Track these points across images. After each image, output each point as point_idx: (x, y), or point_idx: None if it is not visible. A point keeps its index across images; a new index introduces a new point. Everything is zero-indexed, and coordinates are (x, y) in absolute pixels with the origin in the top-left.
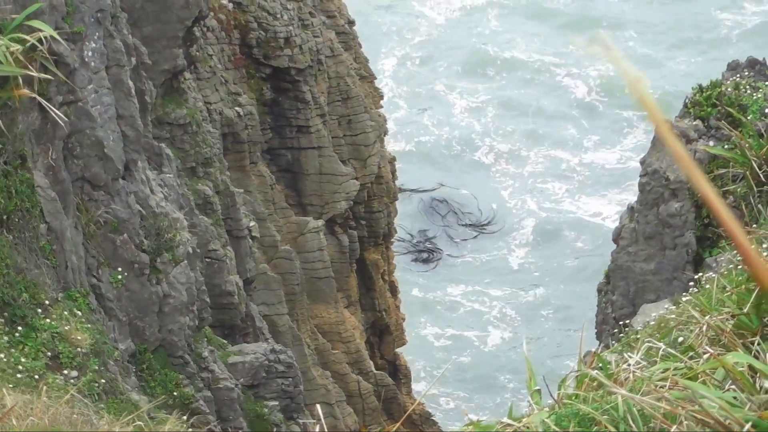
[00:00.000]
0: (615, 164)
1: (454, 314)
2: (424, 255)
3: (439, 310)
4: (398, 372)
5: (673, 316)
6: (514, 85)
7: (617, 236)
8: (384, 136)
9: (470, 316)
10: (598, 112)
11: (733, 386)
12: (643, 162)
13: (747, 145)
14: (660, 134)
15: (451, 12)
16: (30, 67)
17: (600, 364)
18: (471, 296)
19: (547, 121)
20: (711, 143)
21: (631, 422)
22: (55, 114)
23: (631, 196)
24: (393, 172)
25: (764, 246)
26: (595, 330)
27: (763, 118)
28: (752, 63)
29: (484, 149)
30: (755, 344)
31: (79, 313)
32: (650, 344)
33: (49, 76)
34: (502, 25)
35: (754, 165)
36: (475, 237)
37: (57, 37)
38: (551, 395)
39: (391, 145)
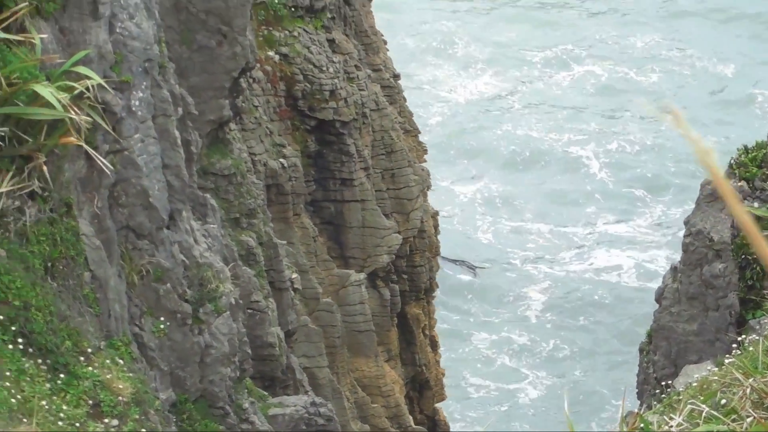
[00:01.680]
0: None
1: (491, 368)
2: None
3: (469, 358)
4: (437, 427)
5: (716, 377)
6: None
7: (660, 296)
8: (427, 190)
9: (501, 368)
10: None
11: None
12: (687, 222)
13: None
14: (730, 207)
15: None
16: (77, 114)
17: (642, 425)
18: (497, 345)
19: (560, 198)
20: (756, 204)
21: None
22: (102, 162)
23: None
24: (435, 226)
25: None
26: (636, 390)
27: None
28: None
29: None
30: None
31: (121, 361)
32: (693, 406)
33: (97, 122)
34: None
35: None
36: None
37: (105, 85)
38: None
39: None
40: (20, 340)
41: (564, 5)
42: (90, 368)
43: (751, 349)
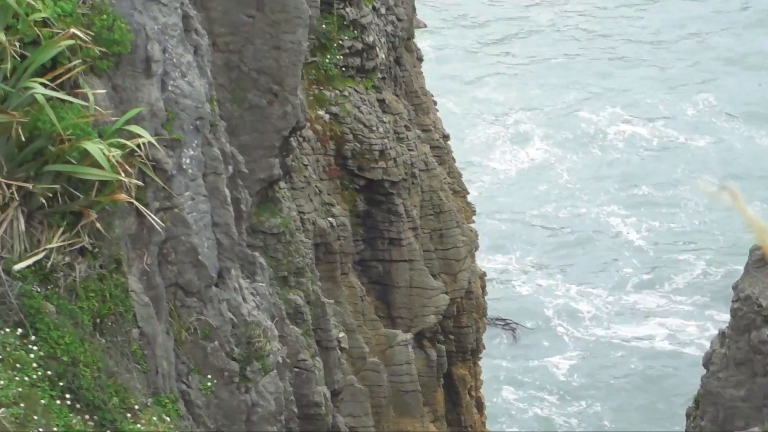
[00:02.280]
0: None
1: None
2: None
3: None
4: None
5: None
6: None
7: (707, 361)
8: (475, 251)
9: (534, 421)
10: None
11: None
12: (735, 287)
13: None
14: None
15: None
16: (128, 172)
17: None
18: (526, 401)
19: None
20: None
21: None
22: (152, 219)
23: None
24: (483, 287)
25: None
26: None
27: None
28: None
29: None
30: None
31: (168, 419)
32: None
33: (149, 179)
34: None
35: None
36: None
37: (155, 143)
38: None
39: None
40: (68, 396)
41: (619, 67)
42: (137, 425)
43: None
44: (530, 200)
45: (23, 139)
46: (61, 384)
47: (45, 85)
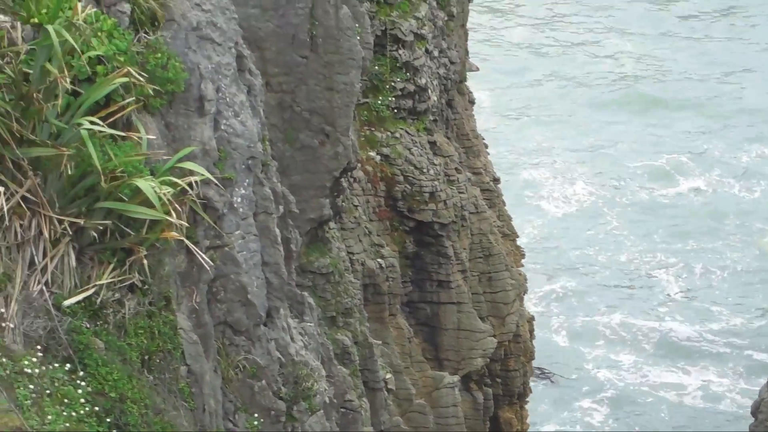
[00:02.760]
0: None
1: None
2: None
3: None
4: None
5: None
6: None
7: (756, 410)
8: (523, 294)
9: None
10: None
11: None
12: None
13: None
14: None
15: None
16: (180, 210)
17: None
18: None
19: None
20: None
21: None
22: (202, 258)
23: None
24: (531, 331)
25: None
26: None
27: None
28: None
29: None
30: None
31: None
32: None
33: (199, 217)
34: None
35: None
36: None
37: (207, 182)
38: None
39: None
40: None
41: (674, 111)
42: None
43: None
44: (575, 244)
45: (76, 175)
46: (108, 420)
47: (98, 123)
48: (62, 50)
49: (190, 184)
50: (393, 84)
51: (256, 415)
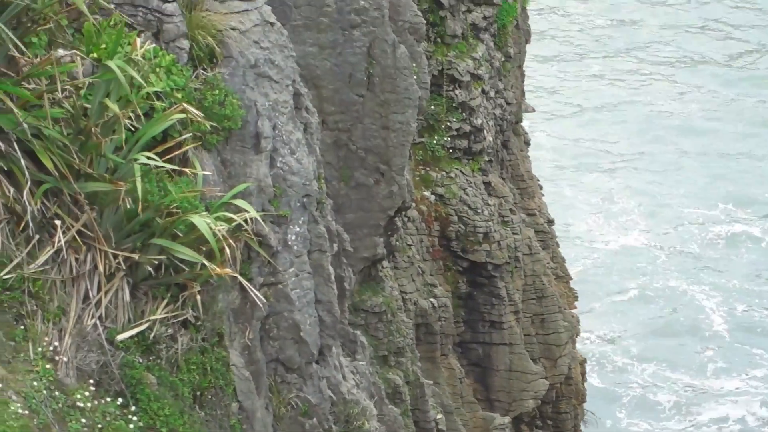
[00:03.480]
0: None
1: None
2: None
3: None
4: None
5: None
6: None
7: None
8: (576, 337)
9: None
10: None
11: None
12: None
13: None
14: None
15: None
16: (234, 246)
17: None
18: None
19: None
20: None
21: None
22: (255, 295)
23: None
24: (583, 374)
25: None
26: None
27: None
28: None
29: None
30: None
31: None
32: None
33: (253, 254)
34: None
35: None
36: None
37: (262, 219)
38: None
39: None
40: None
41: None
42: None
43: None
44: (629, 287)
45: (132, 210)
46: None
47: (155, 158)
48: (122, 85)
49: (245, 221)
50: (449, 124)
51: None
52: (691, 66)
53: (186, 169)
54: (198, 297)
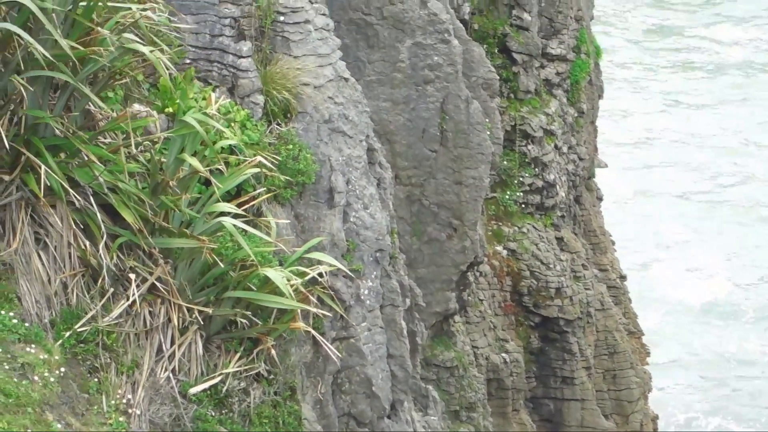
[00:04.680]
0: None
1: None
2: None
3: None
4: None
5: None
6: None
7: None
8: (648, 393)
9: None
10: None
11: None
12: None
13: None
14: None
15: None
16: (308, 300)
17: None
18: None
19: None
20: None
21: None
22: (328, 349)
23: None
24: (655, 430)
25: None
26: None
27: None
28: None
29: None
30: None
31: None
32: None
33: (326, 312)
34: None
35: None
36: None
37: (335, 273)
38: None
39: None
40: None
41: None
42: None
43: None
44: (704, 342)
45: (206, 263)
46: None
47: (229, 213)
48: (197, 140)
49: (319, 275)
50: (521, 179)
51: None
52: None
53: (260, 223)
54: (271, 351)
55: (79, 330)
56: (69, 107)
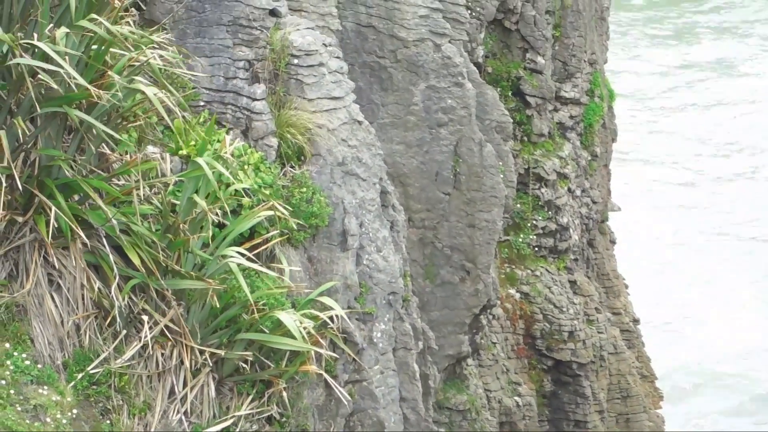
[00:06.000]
0: None
1: None
2: None
3: None
4: None
5: None
6: None
7: None
8: None
9: None
10: None
11: None
12: None
13: None
14: None
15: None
16: (320, 343)
17: None
18: None
19: None
20: None
21: None
22: (340, 392)
23: None
24: None
25: None
26: None
27: None
28: None
29: None
30: None
31: None
32: None
33: (337, 355)
34: None
35: None
36: None
37: (348, 316)
38: None
39: None
40: None
41: None
42: None
43: None
44: (722, 387)
45: (219, 306)
46: None
47: (242, 255)
48: (210, 182)
49: (331, 318)
50: (534, 222)
51: None
52: None
53: (273, 266)
54: (283, 393)
55: (91, 372)
56: (82, 149)
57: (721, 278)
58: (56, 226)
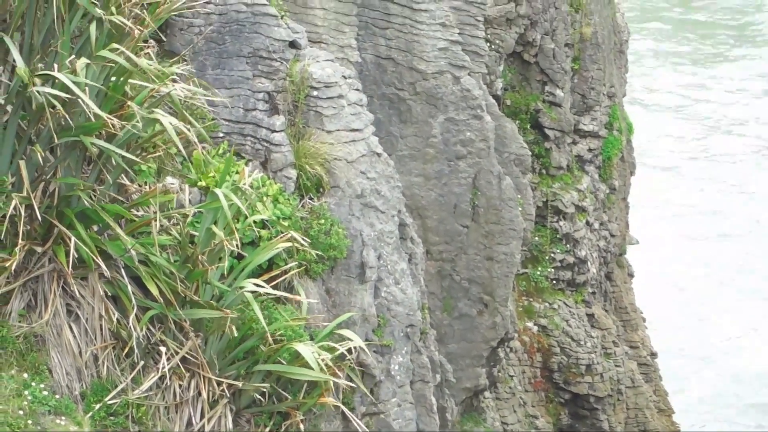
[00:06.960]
0: None
1: None
2: None
3: None
4: None
5: None
6: None
7: None
8: None
9: None
10: None
11: None
12: None
13: None
14: None
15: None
16: (338, 375)
17: None
18: None
19: None
20: None
21: None
22: (358, 424)
23: None
24: None
25: None
26: None
27: None
28: None
29: None
30: None
31: None
32: None
33: (355, 386)
34: None
35: None
36: None
37: (365, 349)
38: None
39: None
40: None
41: None
42: None
43: None
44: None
45: (236, 336)
46: None
47: (260, 286)
48: (227, 215)
49: (348, 350)
50: (552, 255)
51: None
52: None
53: (291, 298)
54: (301, 426)
55: (109, 402)
56: (102, 180)
57: (745, 309)
58: (76, 256)
